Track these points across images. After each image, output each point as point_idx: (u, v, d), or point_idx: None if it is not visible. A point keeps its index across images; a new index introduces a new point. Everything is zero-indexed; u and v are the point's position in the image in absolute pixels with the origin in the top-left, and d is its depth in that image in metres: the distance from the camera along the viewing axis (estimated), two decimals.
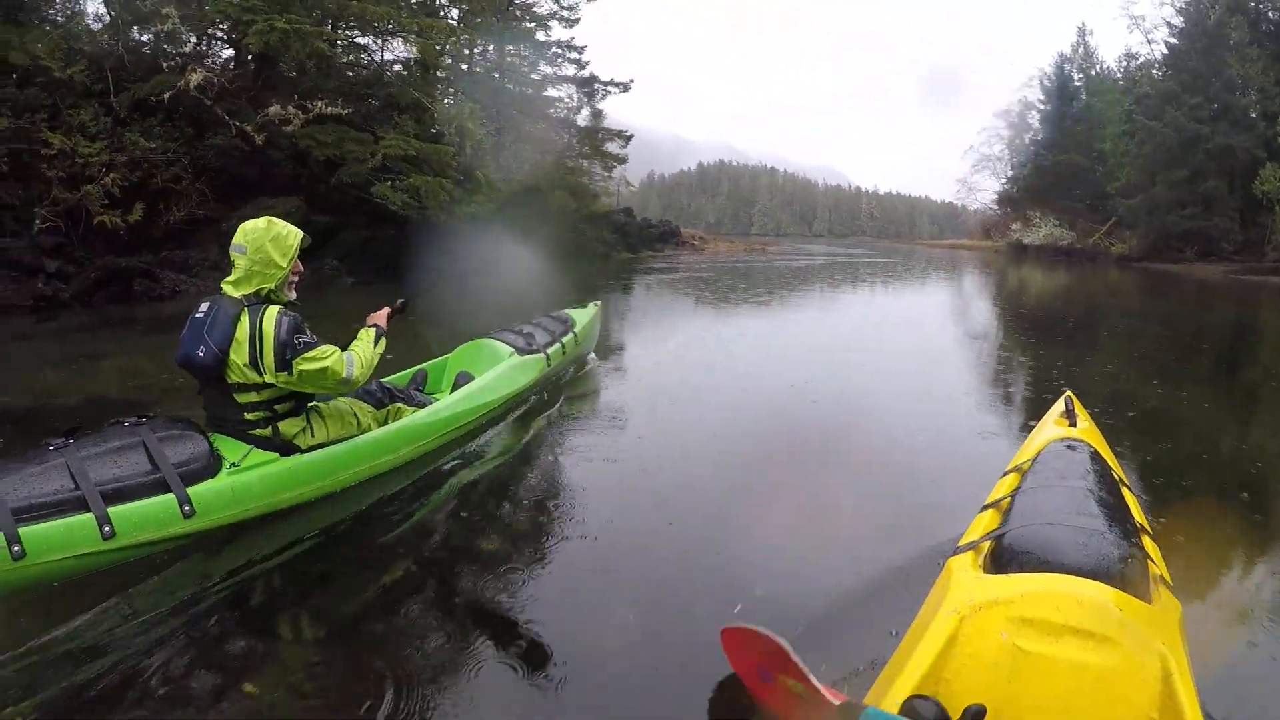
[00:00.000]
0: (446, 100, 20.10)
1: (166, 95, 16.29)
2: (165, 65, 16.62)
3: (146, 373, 8.19)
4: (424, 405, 4.98)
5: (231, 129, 17.10)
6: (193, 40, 17.03)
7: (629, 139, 30.72)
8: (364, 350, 4.21)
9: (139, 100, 16.71)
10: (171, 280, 15.83)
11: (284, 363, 3.81)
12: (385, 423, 4.67)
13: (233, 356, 3.81)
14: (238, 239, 3.94)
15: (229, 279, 3.94)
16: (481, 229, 21.53)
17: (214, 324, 3.80)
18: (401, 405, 4.84)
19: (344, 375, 3.97)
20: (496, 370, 5.83)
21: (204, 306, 3.90)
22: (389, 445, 4.51)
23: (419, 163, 18.93)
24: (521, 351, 6.29)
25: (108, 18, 16.76)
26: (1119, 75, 52.07)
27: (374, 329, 4.42)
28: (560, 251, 25.17)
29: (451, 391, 5.56)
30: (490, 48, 27.02)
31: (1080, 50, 56.76)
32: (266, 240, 3.92)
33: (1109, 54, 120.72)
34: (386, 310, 4.62)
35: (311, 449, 4.12)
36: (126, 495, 3.37)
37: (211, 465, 3.72)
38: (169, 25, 16.36)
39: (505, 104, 26.01)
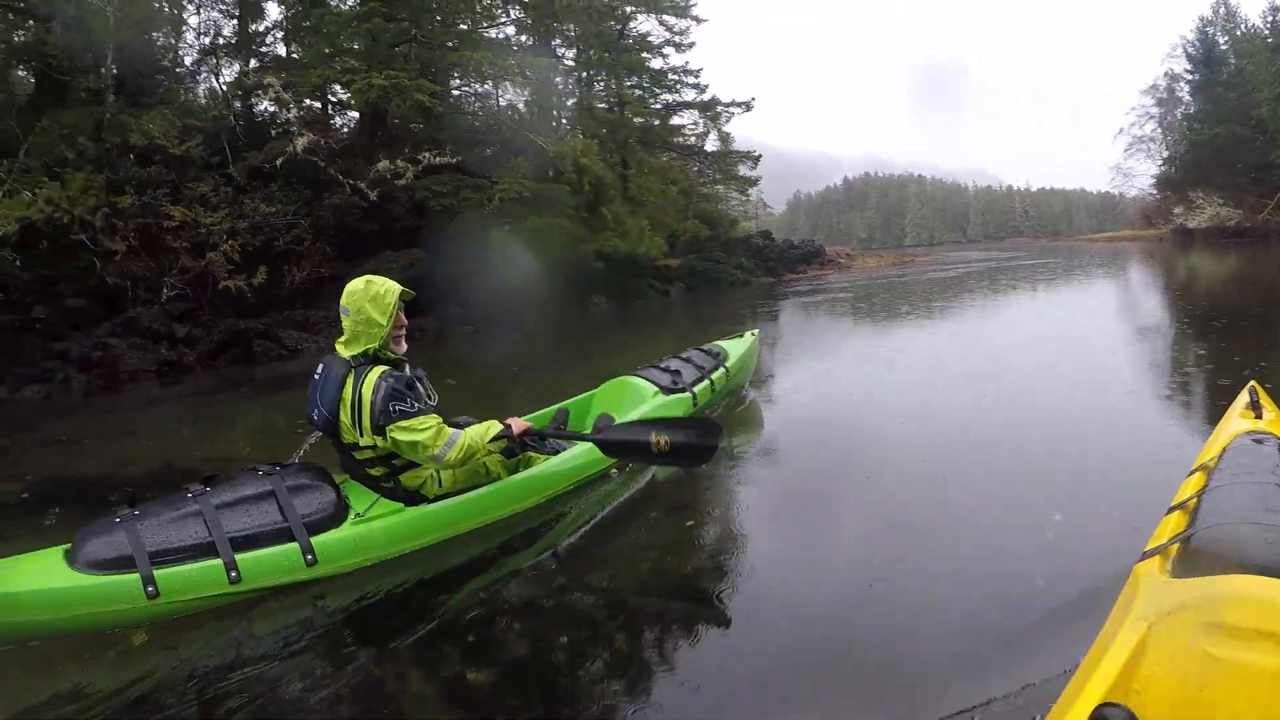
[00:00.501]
0: (563, 138, 19.37)
1: (279, 161, 16.35)
2: (274, 132, 16.61)
3: (276, 427, 8.52)
4: (557, 452, 4.79)
5: (346, 187, 16.89)
6: (294, 107, 16.93)
7: (757, 159, 29.51)
8: (475, 439, 4.02)
9: (255, 168, 16.97)
10: (293, 339, 15.95)
11: (378, 428, 3.83)
12: (515, 471, 4.58)
13: (341, 418, 3.91)
14: (342, 300, 3.97)
15: (340, 340, 4.01)
16: (612, 266, 20.85)
17: (325, 387, 3.93)
18: (532, 454, 4.70)
19: (435, 454, 3.89)
20: (641, 410, 5.57)
21: (320, 368, 4.03)
22: (516, 495, 4.42)
23: (537, 204, 18.26)
24: (666, 390, 5.99)
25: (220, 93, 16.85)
26: (1266, 32, 46.31)
27: (503, 428, 4.22)
28: (697, 281, 24.18)
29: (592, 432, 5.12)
30: (609, 81, 26.38)
31: (1221, 10, 51.27)
32: (365, 301, 3.92)
33: (1252, 9, 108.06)
34: (528, 425, 4.34)
35: (439, 497, 4.14)
36: (254, 543, 3.60)
37: (337, 515, 3.86)
38: (270, 94, 16.36)
39: (627, 137, 25.24)
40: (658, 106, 28.06)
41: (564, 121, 22.89)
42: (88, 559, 3.37)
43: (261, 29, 19.28)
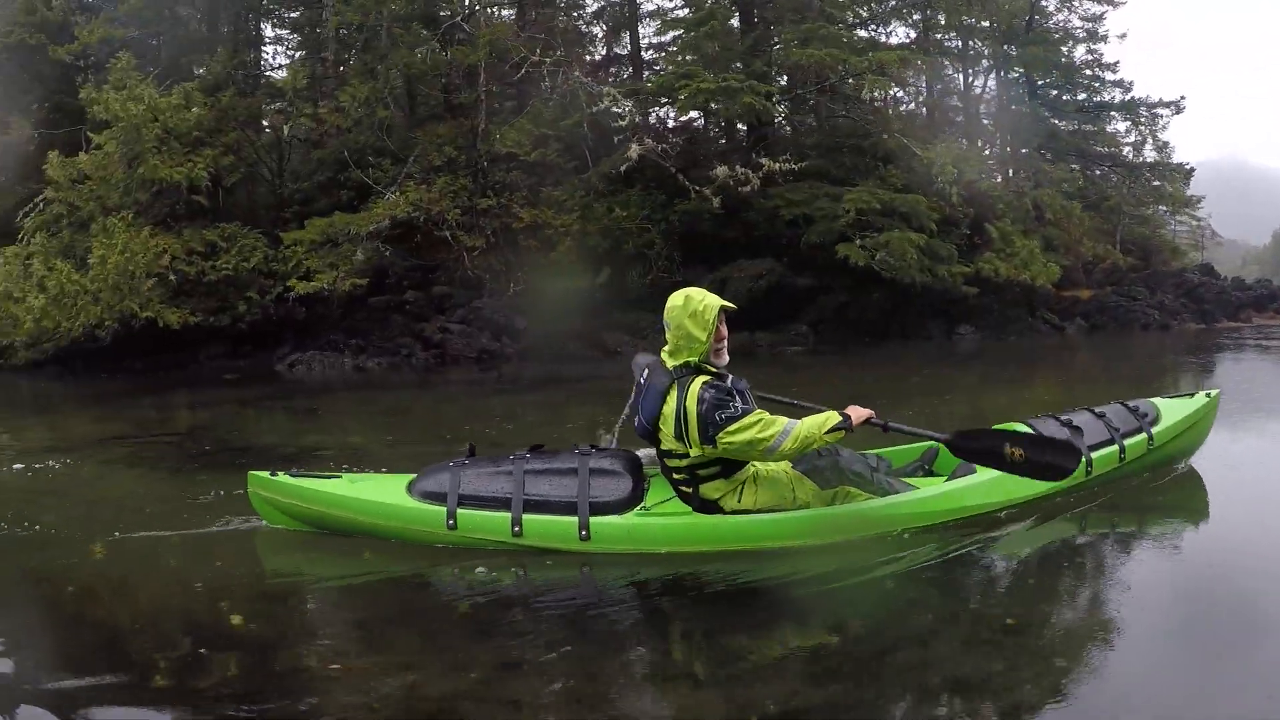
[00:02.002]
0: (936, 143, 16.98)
1: (623, 167, 16.33)
2: (616, 139, 16.51)
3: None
4: (887, 492, 4.37)
5: (691, 193, 16.30)
6: (633, 113, 16.64)
7: (1188, 174, 24.25)
8: (811, 429, 3.92)
9: (614, 174, 17.02)
10: (615, 341, 16.10)
11: (709, 438, 3.86)
12: (830, 503, 4.29)
13: (661, 428, 4.02)
14: (665, 314, 4.06)
15: (665, 349, 4.11)
16: (991, 292, 18.12)
17: (648, 397, 4.08)
18: (853, 489, 4.31)
19: (770, 445, 3.85)
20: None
21: (644, 373, 4.21)
22: (814, 529, 4.21)
23: (904, 216, 16.24)
24: None
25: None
26: None
27: (841, 418, 3.99)
28: (1104, 319, 20.37)
29: (949, 479, 4.73)
30: (1008, 78, 23.30)
31: None
32: (685, 317, 3.96)
33: None
34: (869, 413, 4.09)
35: (736, 512, 4.13)
36: (542, 508, 4.11)
37: (625, 503, 4.13)
38: (605, 103, 16.45)
39: (1034, 140, 21.99)
40: (1070, 110, 24.18)
41: (944, 126, 20.26)
42: (419, 489, 4.27)
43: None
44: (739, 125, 19.27)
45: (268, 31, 25.08)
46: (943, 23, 20.56)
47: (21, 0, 20.90)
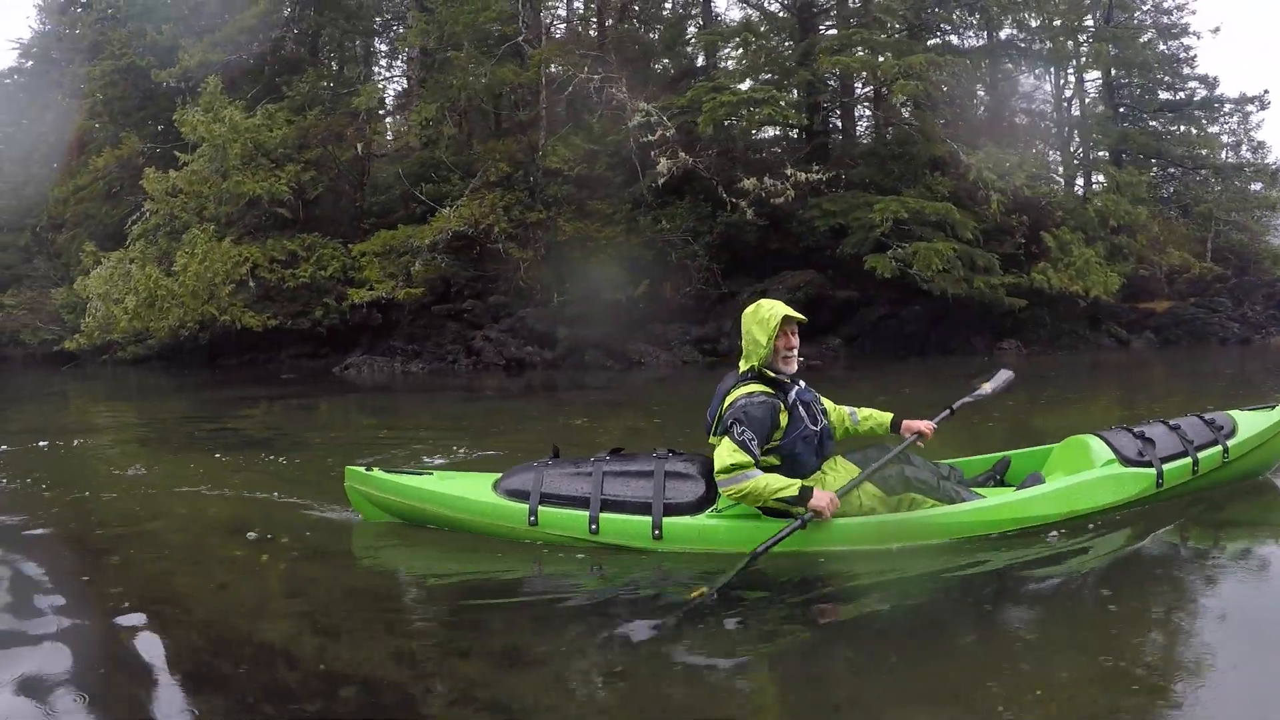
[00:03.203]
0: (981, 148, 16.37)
1: (660, 181, 16.66)
2: (652, 153, 16.81)
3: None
4: (953, 500, 4.45)
5: (728, 206, 16.55)
6: (663, 129, 16.73)
7: (1273, 174, 22.43)
8: (761, 488, 4.04)
9: (650, 188, 17.28)
10: (640, 352, 16.50)
11: (714, 432, 4.22)
12: (895, 510, 4.41)
13: (714, 424, 4.29)
14: (740, 322, 4.38)
15: (741, 357, 4.36)
16: (1044, 304, 17.52)
17: (716, 398, 4.29)
18: (918, 497, 4.40)
19: (723, 481, 4.09)
20: (1071, 478, 4.78)
21: (723, 379, 4.43)
22: (879, 535, 4.35)
23: (939, 225, 15.94)
24: (1125, 460, 4.88)
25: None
26: None
27: (800, 493, 4.04)
28: (1179, 333, 19.34)
29: (1017, 489, 4.82)
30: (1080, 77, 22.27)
31: None
32: (753, 323, 4.23)
33: None
34: (831, 503, 4.08)
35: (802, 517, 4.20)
36: (619, 508, 4.33)
37: (698, 504, 4.30)
38: (639, 118, 16.63)
39: (1105, 142, 20.93)
40: (1151, 109, 22.68)
41: (1019, 129, 19.48)
42: (505, 487, 4.51)
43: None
44: (794, 134, 19.13)
45: (381, 47, 26.89)
46: (1007, 21, 19.83)
47: (134, 25, 22.89)
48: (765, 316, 4.22)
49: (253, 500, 5.51)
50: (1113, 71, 22.24)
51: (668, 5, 23.42)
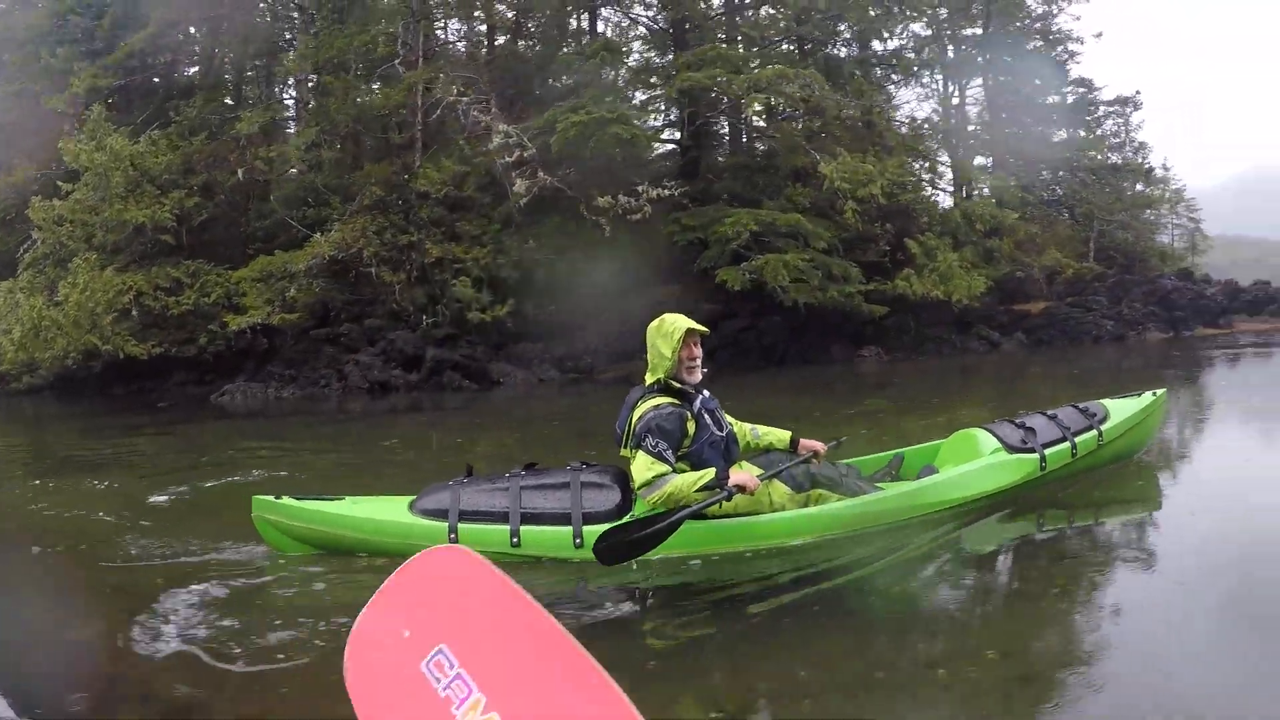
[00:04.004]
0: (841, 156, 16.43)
1: (523, 202, 17.01)
2: (514, 174, 16.90)
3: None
4: (856, 494, 4.76)
5: (588, 223, 16.71)
6: (520, 149, 16.84)
7: (1148, 174, 22.58)
8: (680, 488, 4.21)
9: (517, 207, 17.41)
10: (500, 371, 16.70)
11: (626, 446, 4.40)
12: (803, 506, 4.68)
13: (625, 437, 4.46)
14: (646, 335, 4.50)
15: (648, 370, 4.51)
16: (907, 311, 17.60)
17: (624, 411, 4.47)
18: (825, 492, 4.72)
19: (641, 492, 4.25)
20: (963, 468, 5.22)
21: (630, 393, 4.59)
22: (792, 530, 4.60)
23: (792, 236, 16.03)
24: (1010, 448, 5.37)
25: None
26: None
27: (714, 479, 4.25)
28: (1052, 333, 19.42)
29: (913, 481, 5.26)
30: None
31: None
32: (657, 336, 4.39)
33: None
34: (751, 482, 4.33)
35: (719, 518, 4.42)
36: (538, 520, 4.40)
37: (615, 512, 4.40)
38: (497, 141, 16.94)
39: (977, 148, 21.06)
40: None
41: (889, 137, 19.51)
42: (421, 507, 4.51)
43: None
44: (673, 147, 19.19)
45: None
46: (896, 32, 19.98)
47: (30, 48, 22.81)
48: (669, 330, 4.39)
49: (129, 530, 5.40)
50: (993, 78, 22.36)
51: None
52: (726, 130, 19.72)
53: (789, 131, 17.43)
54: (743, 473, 4.38)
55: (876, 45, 21.01)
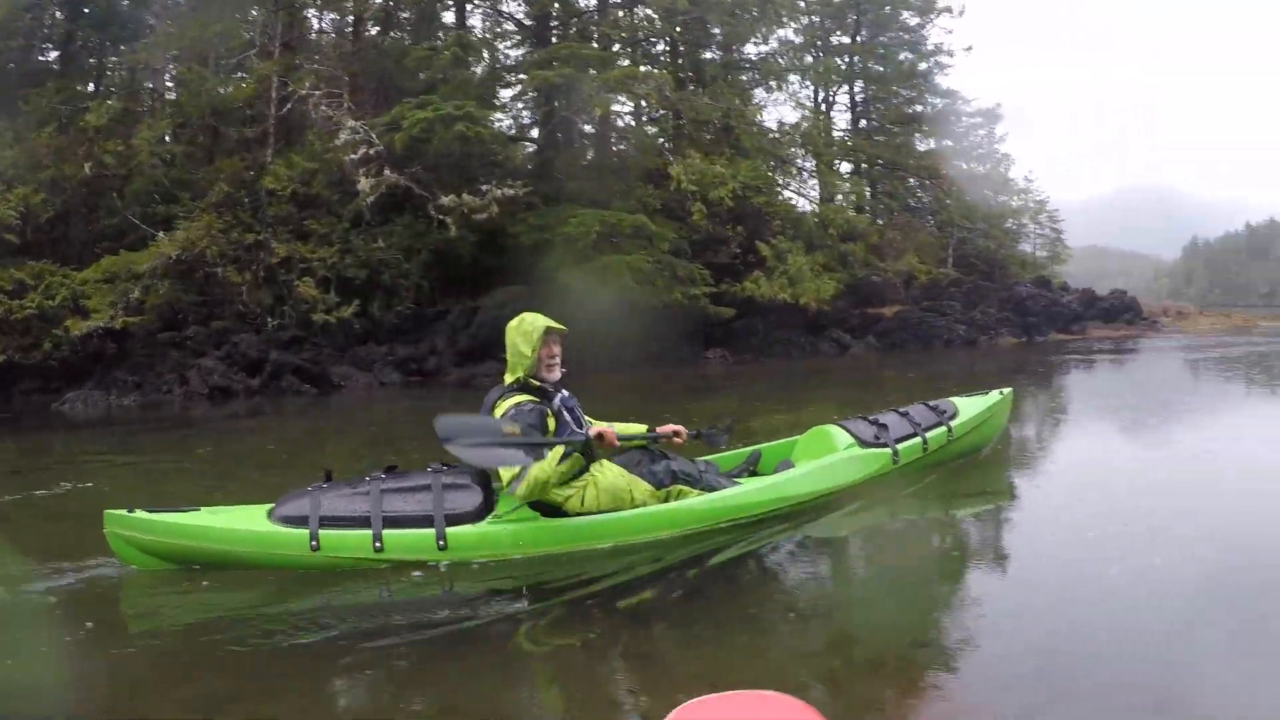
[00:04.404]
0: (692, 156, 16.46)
1: (370, 200, 16.79)
2: (361, 171, 16.50)
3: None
4: (716, 489, 4.93)
5: (435, 222, 16.41)
6: (366, 147, 16.54)
7: (1004, 183, 23.11)
8: (540, 470, 4.34)
9: (371, 205, 16.95)
10: (341, 374, 16.32)
11: None
12: (664, 501, 4.80)
13: None
14: (505, 334, 4.63)
15: (507, 369, 4.65)
16: (758, 313, 17.66)
17: (484, 410, 4.56)
18: (684, 488, 4.85)
19: (508, 489, 4.40)
20: (819, 462, 5.46)
21: (489, 393, 4.71)
22: (652, 525, 4.69)
23: (635, 238, 15.99)
24: (863, 443, 5.66)
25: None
26: None
27: (569, 449, 4.46)
28: (905, 337, 19.66)
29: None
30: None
31: None
32: (516, 335, 4.53)
33: None
34: (605, 430, 4.59)
35: (580, 514, 4.55)
36: (401, 523, 4.37)
37: (478, 513, 4.46)
38: (344, 137, 16.64)
39: (832, 152, 21.26)
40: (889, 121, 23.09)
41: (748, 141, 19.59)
42: (280, 515, 4.42)
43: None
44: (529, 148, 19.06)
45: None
46: (768, 37, 20.07)
47: None
48: (528, 329, 4.55)
49: None
50: (858, 86, 22.65)
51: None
52: (591, 130, 19.60)
53: (642, 133, 17.39)
54: (600, 424, 4.68)
55: (751, 50, 21.14)
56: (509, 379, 4.61)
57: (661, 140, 17.58)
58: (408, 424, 11.85)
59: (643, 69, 16.11)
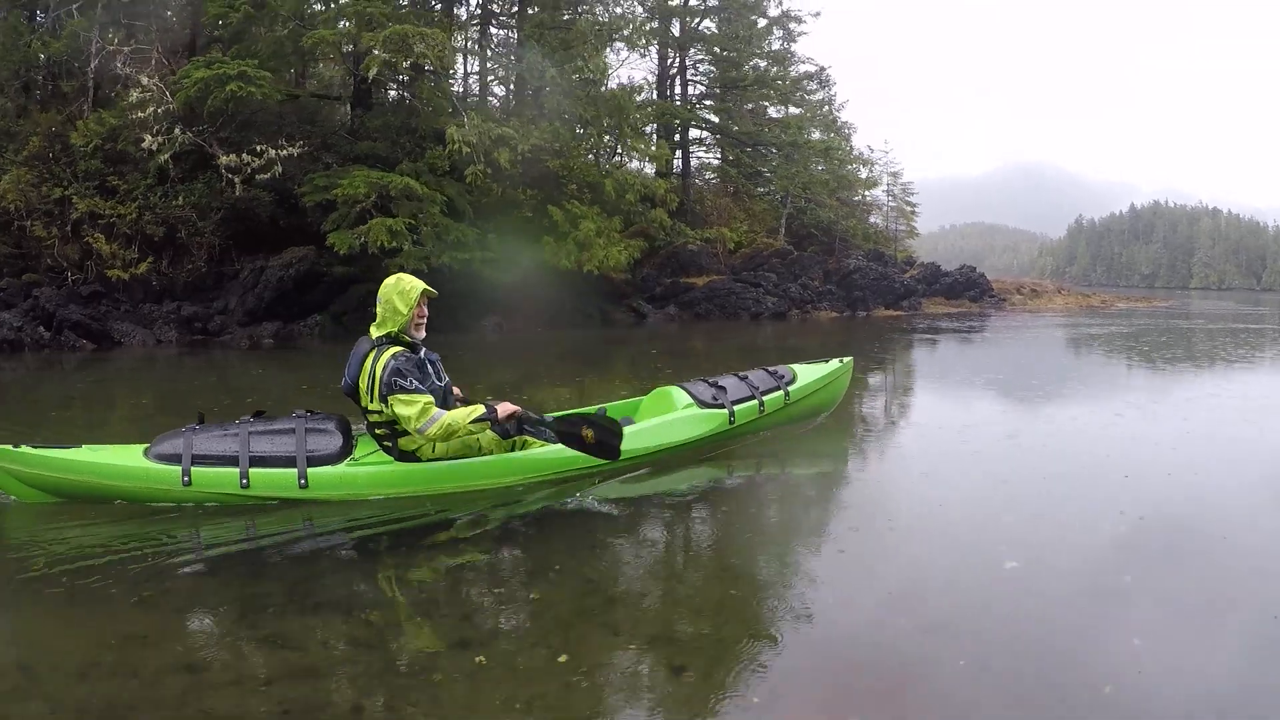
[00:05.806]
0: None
1: (165, 158, 16.82)
2: (155, 129, 16.51)
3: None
4: (558, 441, 5.16)
5: (223, 179, 16.45)
6: (154, 105, 16.53)
7: (825, 152, 22.50)
8: (456, 419, 4.78)
9: (166, 163, 16.93)
10: (120, 332, 16.50)
11: (382, 397, 4.75)
12: (509, 451, 5.19)
13: (361, 386, 4.88)
14: (379, 291, 4.95)
15: (374, 324, 4.96)
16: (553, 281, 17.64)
17: (352, 361, 4.93)
18: (530, 439, 5.19)
19: (419, 427, 4.70)
20: (658, 419, 5.83)
21: (357, 345, 5.02)
22: (497, 472, 5.11)
23: (410, 199, 15.96)
24: (701, 404, 6.06)
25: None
26: None
27: (485, 413, 4.89)
28: (711, 308, 19.54)
29: None
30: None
31: None
32: (394, 294, 4.86)
33: None
34: (516, 410, 4.98)
35: (431, 460, 4.97)
36: (265, 463, 4.78)
37: (338, 455, 4.89)
38: (135, 95, 16.64)
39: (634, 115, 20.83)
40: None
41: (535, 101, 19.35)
42: (156, 452, 4.82)
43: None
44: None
45: None
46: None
47: None
48: (406, 289, 4.89)
49: None
50: (683, 51, 22.31)
51: None
52: (396, 90, 19.54)
53: (430, 92, 17.31)
54: (505, 402, 5.01)
55: (593, 14, 20.84)
56: (377, 333, 4.91)
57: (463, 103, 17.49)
58: (195, 379, 12.09)
59: (422, 29, 15.92)
